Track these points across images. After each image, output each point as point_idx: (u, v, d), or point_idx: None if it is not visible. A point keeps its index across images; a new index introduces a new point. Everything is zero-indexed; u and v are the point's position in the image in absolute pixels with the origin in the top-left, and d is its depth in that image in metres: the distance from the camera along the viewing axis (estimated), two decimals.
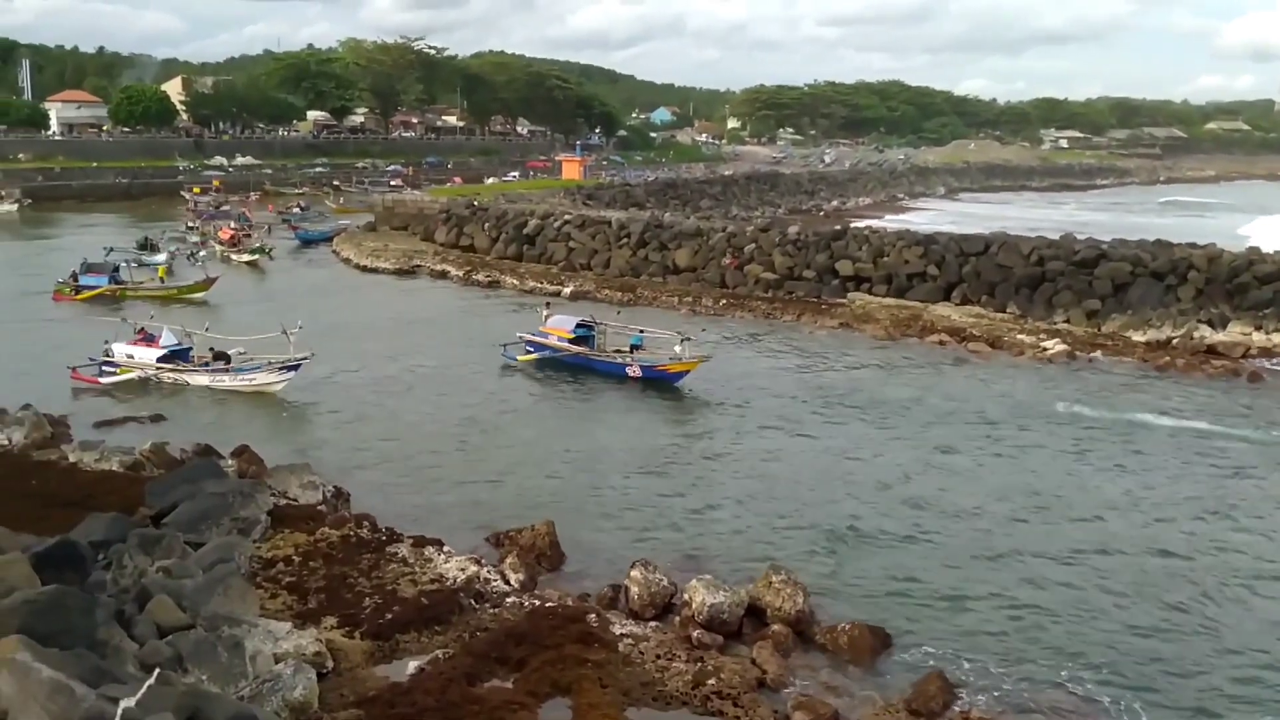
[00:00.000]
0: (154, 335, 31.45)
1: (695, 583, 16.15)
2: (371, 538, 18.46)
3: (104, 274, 45.69)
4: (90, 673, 10.11)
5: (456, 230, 60.68)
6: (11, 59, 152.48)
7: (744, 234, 51.23)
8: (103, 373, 30.56)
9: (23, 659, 9.44)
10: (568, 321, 34.81)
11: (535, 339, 34.47)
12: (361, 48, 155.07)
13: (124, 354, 30.85)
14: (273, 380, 29.62)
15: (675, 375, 31.54)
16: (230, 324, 34.84)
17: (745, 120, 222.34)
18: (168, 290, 45.55)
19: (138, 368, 30.58)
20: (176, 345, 31.24)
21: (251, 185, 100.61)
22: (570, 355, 33.77)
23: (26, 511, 17.58)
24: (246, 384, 29.82)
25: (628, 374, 32.32)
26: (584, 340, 34.08)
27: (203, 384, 30.24)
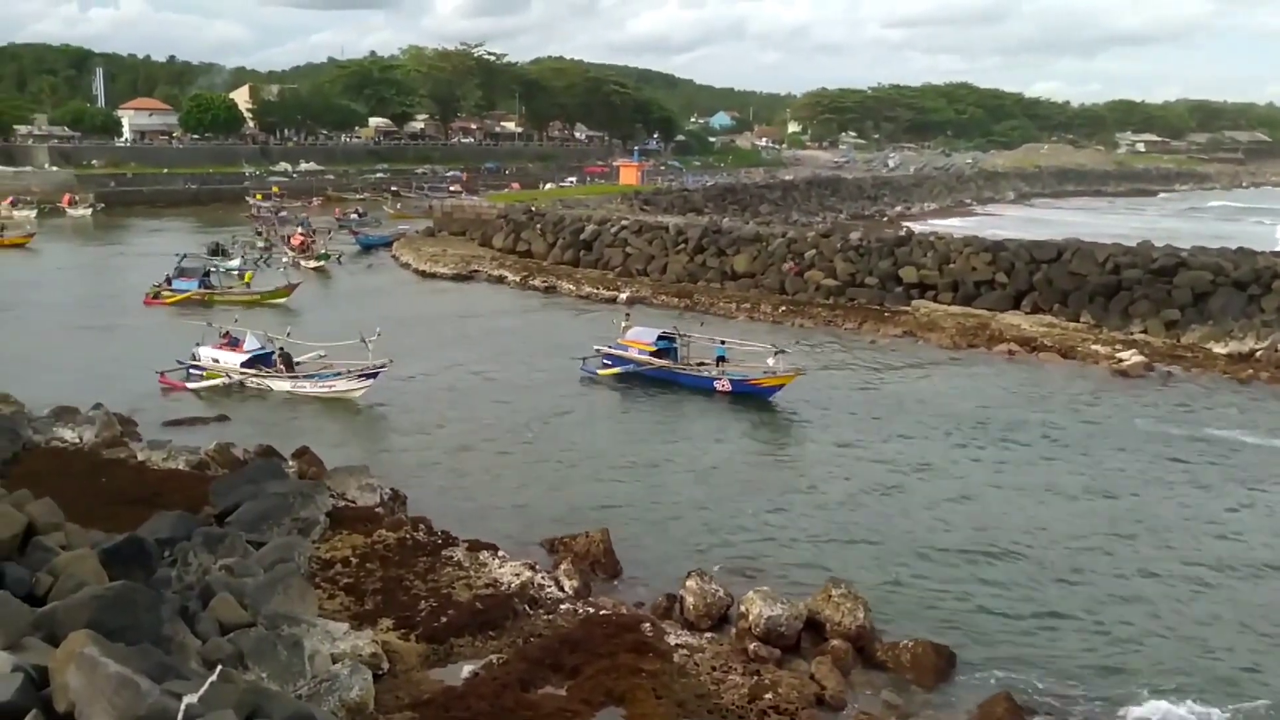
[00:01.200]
0: (238, 340, 31.78)
1: (752, 594, 15.95)
2: (427, 541, 18.56)
3: (194, 278, 46.60)
4: (155, 668, 10.15)
5: (514, 235, 61.06)
6: (86, 68, 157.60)
7: (804, 240, 50.86)
8: (189, 377, 30.93)
9: (90, 653, 9.55)
10: (648, 333, 33.53)
11: (614, 352, 33.31)
12: (423, 55, 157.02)
13: (209, 358, 31.24)
14: (352, 387, 29.61)
15: (768, 390, 30.27)
16: (308, 329, 35.11)
17: (806, 124, 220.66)
18: (251, 295, 46.20)
19: (222, 372, 30.87)
20: (260, 350, 31.47)
21: (314, 191, 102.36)
22: (653, 369, 32.53)
23: (96, 508, 17.92)
24: (326, 390, 29.90)
25: (715, 388, 31.03)
26: (666, 353, 32.85)
27: (284, 390, 30.40)
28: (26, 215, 78.51)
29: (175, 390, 30.44)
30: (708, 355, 32.35)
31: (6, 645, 10.19)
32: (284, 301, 45.34)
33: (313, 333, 33.86)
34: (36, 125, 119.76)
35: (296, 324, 36.86)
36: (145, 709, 9.20)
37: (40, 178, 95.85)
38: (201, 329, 32.57)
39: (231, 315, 35.61)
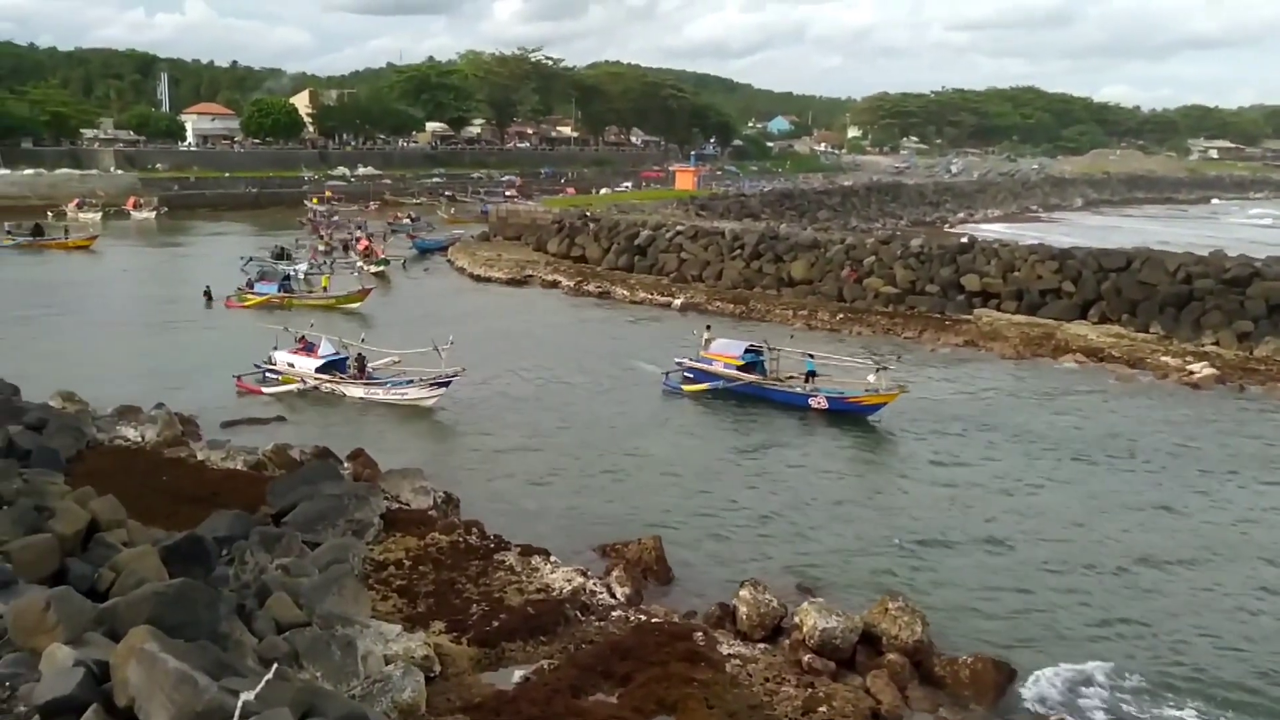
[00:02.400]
0: (314, 345, 31.88)
1: (807, 605, 15.74)
2: (480, 544, 18.63)
3: (274, 282, 47.36)
4: (212, 665, 10.23)
5: (568, 241, 61.23)
6: (151, 73, 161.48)
7: (863, 246, 50.33)
8: (265, 380, 31.21)
9: (151, 649, 9.64)
10: (734, 346, 32.11)
11: (699, 366, 31.93)
12: (480, 60, 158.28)
13: (285, 362, 31.44)
14: (424, 395, 29.47)
15: (869, 409, 28.75)
16: (372, 334, 34.92)
17: (867, 129, 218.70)
18: (327, 300, 46.59)
19: (297, 377, 31.04)
20: (334, 355, 31.48)
21: (371, 195, 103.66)
22: (741, 385, 30.97)
23: (157, 506, 18.27)
24: (399, 398, 29.75)
25: (810, 406, 29.50)
26: (753, 367, 31.40)
27: (357, 395, 30.37)
28: (92, 217, 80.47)
29: (251, 394, 30.65)
30: (796, 369, 31.03)
31: (69, 640, 10.32)
32: (357, 306, 45.57)
33: (377, 338, 33.86)
34: (103, 129, 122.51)
35: (361, 329, 36.67)
36: (203, 705, 9.26)
37: (106, 181, 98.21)
38: (275, 332, 32.88)
39: (308, 320, 35.87)
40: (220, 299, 46.89)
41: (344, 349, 31.76)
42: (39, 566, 13.11)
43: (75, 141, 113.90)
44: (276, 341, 32.17)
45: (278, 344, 32.05)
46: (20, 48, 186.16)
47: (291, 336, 32.41)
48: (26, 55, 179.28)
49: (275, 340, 32.24)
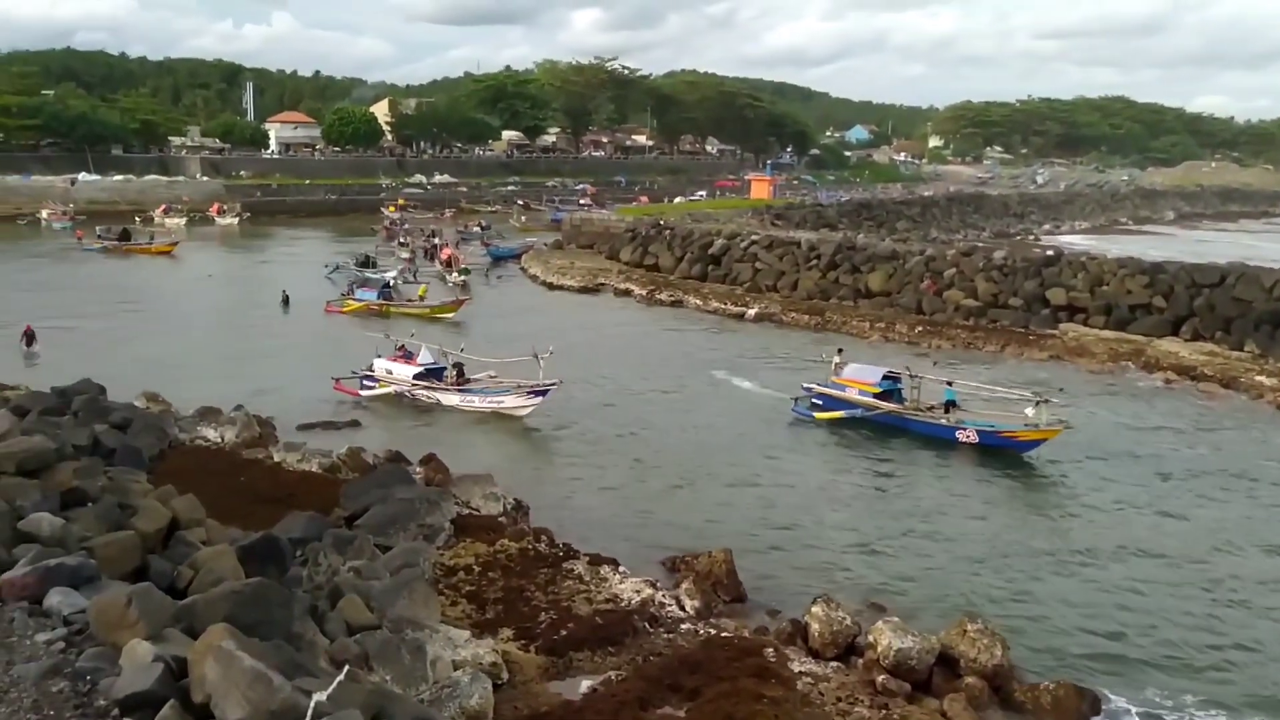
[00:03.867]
0: (413, 353, 32.04)
1: (881, 624, 15.35)
2: (549, 552, 18.59)
3: (374, 289, 48.02)
4: (286, 664, 10.33)
5: (641, 249, 61.27)
6: (237, 82, 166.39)
7: (944, 258, 49.56)
8: (363, 386, 31.50)
9: (228, 647, 9.76)
10: (870, 372, 30.08)
11: (830, 392, 29.96)
12: (556, 69, 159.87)
13: (384, 369, 31.61)
14: (520, 404, 29.25)
15: (1026, 445, 26.45)
16: (460, 342, 34.88)
17: (948, 138, 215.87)
18: (423, 309, 46.69)
19: (395, 383, 31.19)
20: (432, 364, 31.50)
21: (447, 203, 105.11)
22: (879, 414, 28.87)
23: (235, 506, 18.57)
24: (494, 406, 29.65)
25: (958, 439, 27.41)
26: (890, 394, 29.31)
27: (453, 404, 30.34)
28: (177, 223, 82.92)
29: (349, 396, 31.07)
30: (936, 397, 28.90)
31: (149, 636, 10.47)
32: (453, 316, 45.66)
33: (459, 346, 33.63)
34: (190, 137, 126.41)
35: (460, 339, 36.58)
36: (277, 704, 9.33)
37: (192, 187, 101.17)
38: (374, 339, 33.07)
39: (408, 328, 36.16)
40: (297, 304, 47.87)
41: (443, 357, 31.82)
42: (121, 563, 13.40)
43: (163, 149, 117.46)
44: (378, 349, 32.30)
45: (379, 351, 32.17)
46: (112, 57, 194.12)
47: (391, 343, 32.60)
48: (118, 64, 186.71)
49: (376, 348, 32.37)
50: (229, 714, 9.33)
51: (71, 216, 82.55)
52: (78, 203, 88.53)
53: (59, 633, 10.92)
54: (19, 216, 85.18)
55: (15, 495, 15.12)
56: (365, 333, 35.76)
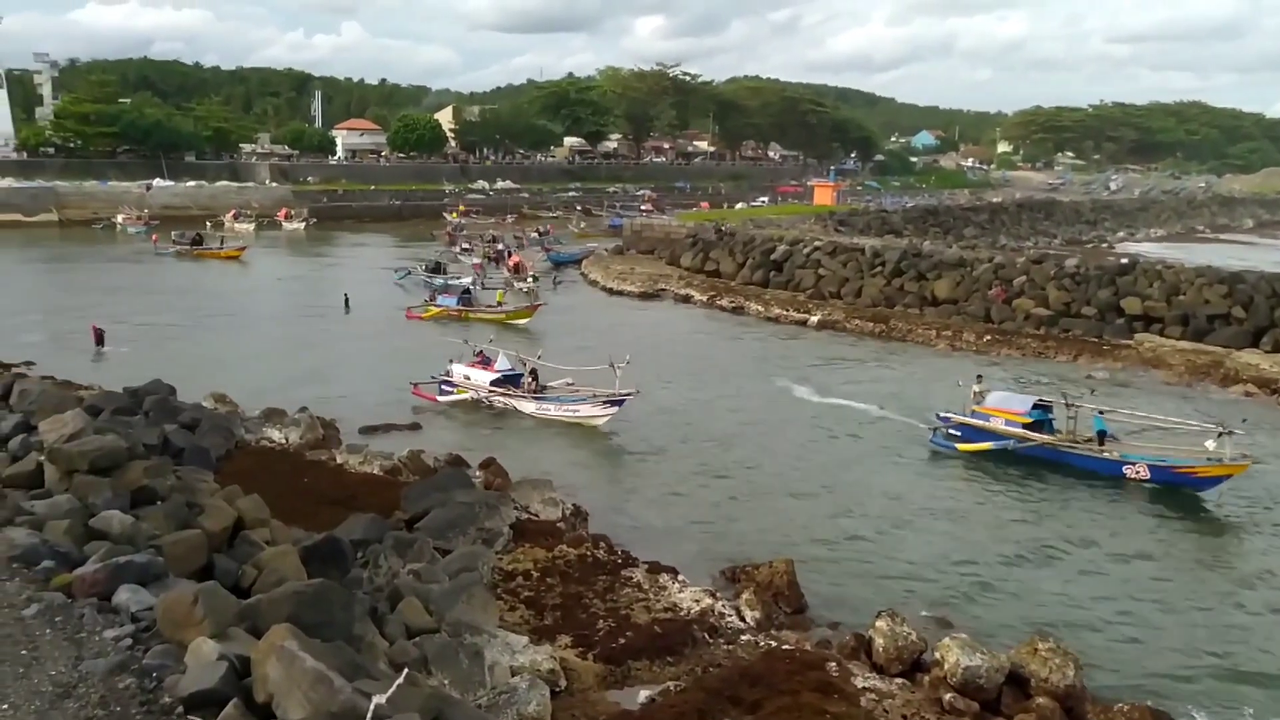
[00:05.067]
0: (490, 359, 32.13)
1: (948, 641, 14.96)
2: (608, 559, 18.50)
3: (454, 295, 48.51)
4: (347, 666, 10.37)
5: (702, 255, 61.09)
6: (306, 90, 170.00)
7: (1013, 265, 48.70)
8: (441, 391, 31.73)
9: (290, 647, 9.83)
10: (1018, 400, 27.81)
11: (973, 422, 27.54)
12: (619, 75, 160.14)
13: (461, 374, 31.77)
14: (596, 413, 29.02)
15: (1206, 482, 24.11)
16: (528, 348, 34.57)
17: (1018, 144, 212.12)
18: (499, 314, 46.78)
19: (472, 389, 31.30)
20: (509, 370, 31.50)
21: (509, 208, 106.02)
22: (1032, 447, 26.42)
23: (298, 507, 18.79)
24: (570, 415, 29.47)
25: (1125, 475, 24.96)
26: (1041, 425, 26.83)
27: (530, 411, 30.28)
28: (246, 228, 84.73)
29: (426, 401, 31.24)
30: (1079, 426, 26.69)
31: (214, 634, 10.59)
32: (525, 323, 45.53)
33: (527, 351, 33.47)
34: (260, 144, 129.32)
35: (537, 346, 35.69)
36: (338, 705, 9.35)
37: (261, 193, 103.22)
38: (448, 343, 33.35)
39: (487, 334, 36.37)
40: (358, 307, 48.52)
41: (520, 364, 31.80)
42: (188, 561, 13.59)
43: (234, 156, 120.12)
44: (454, 355, 32.46)
45: (456, 356, 32.34)
46: (187, 66, 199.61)
47: (470, 349, 32.68)
48: (193, 74, 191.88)
49: (460, 352, 32.51)
50: (290, 714, 9.38)
51: (146, 221, 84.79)
52: (152, 208, 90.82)
53: (127, 629, 11.08)
54: (96, 221, 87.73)
55: (88, 493, 15.47)
56: (442, 337, 36.16)
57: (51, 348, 37.02)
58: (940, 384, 33.32)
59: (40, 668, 10.06)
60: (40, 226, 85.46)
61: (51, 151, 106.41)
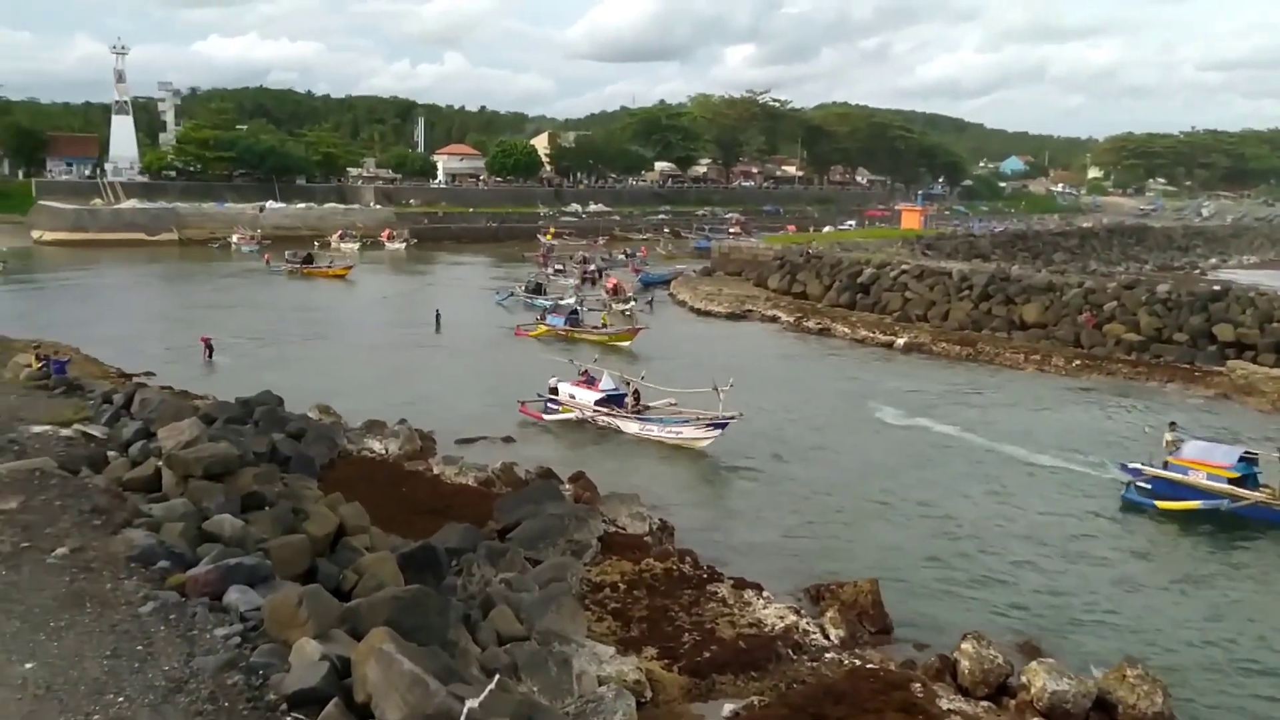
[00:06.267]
0: (595, 378, 32.31)
1: (1035, 665, 14.85)
2: (693, 574, 18.67)
3: (563, 315, 49.22)
4: (441, 670, 10.68)
5: (789, 277, 61.07)
6: (410, 117, 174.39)
7: (1104, 290, 47.82)
8: (547, 409, 32.03)
9: (388, 650, 10.20)
10: (1222, 452, 24.84)
11: (1170, 476, 24.66)
12: (709, 102, 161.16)
13: (567, 393, 32.03)
14: (699, 436, 28.85)
15: None
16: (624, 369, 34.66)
17: (1109, 170, 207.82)
18: (602, 336, 46.85)
19: (577, 408, 31.52)
20: (614, 390, 31.53)
21: (600, 231, 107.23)
22: (1245, 506, 23.53)
23: (396, 515, 19.40)
24: (673, 436, 29.35)
25: None
26: (1246, 479, 23.97)
27: (633, 431, 30.26)
28: (351, 248, 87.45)
29: (533, 419, 31.71)
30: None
31: (317, 635, 11.05)
32: (628, 345, 45.31)
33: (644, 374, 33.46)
34: (365, 168, 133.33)
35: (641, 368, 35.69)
36: (433, 708, 9.69)
37: (366, 215, 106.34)
38: (562, 364, 33.83)
39: (590, 354, 36.80)
40: (450, 325, 49.63)
41: (624, 384, 31.80)
42: (293, 564, 14.19)
43: (341, 179, 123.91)
44: (560, 373, 32.87)
45: (562, 375, 32.71)
46: (300, 95, 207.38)
47: (574, 368, 33.15)
48: (304, 102, 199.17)
49: (557, 371, 33.00)
50: (388, 715, 9.74)
51: (258, 241, 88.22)
52: (264, 228, 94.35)
53: (236, 628, 11.62)
54: (212, 240, 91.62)
55: (202, 497, 16.26)
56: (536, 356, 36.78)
57: (169, 359, 38.74)
58: (1029, 408, 32.75)
59: (154, 663, 10.59)
60: (162, 245, 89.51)
61: (173, 175, 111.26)
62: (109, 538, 14.23)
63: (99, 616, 11.67)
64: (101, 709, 9.74)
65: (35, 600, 11.98)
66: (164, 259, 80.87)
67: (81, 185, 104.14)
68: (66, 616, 11.60)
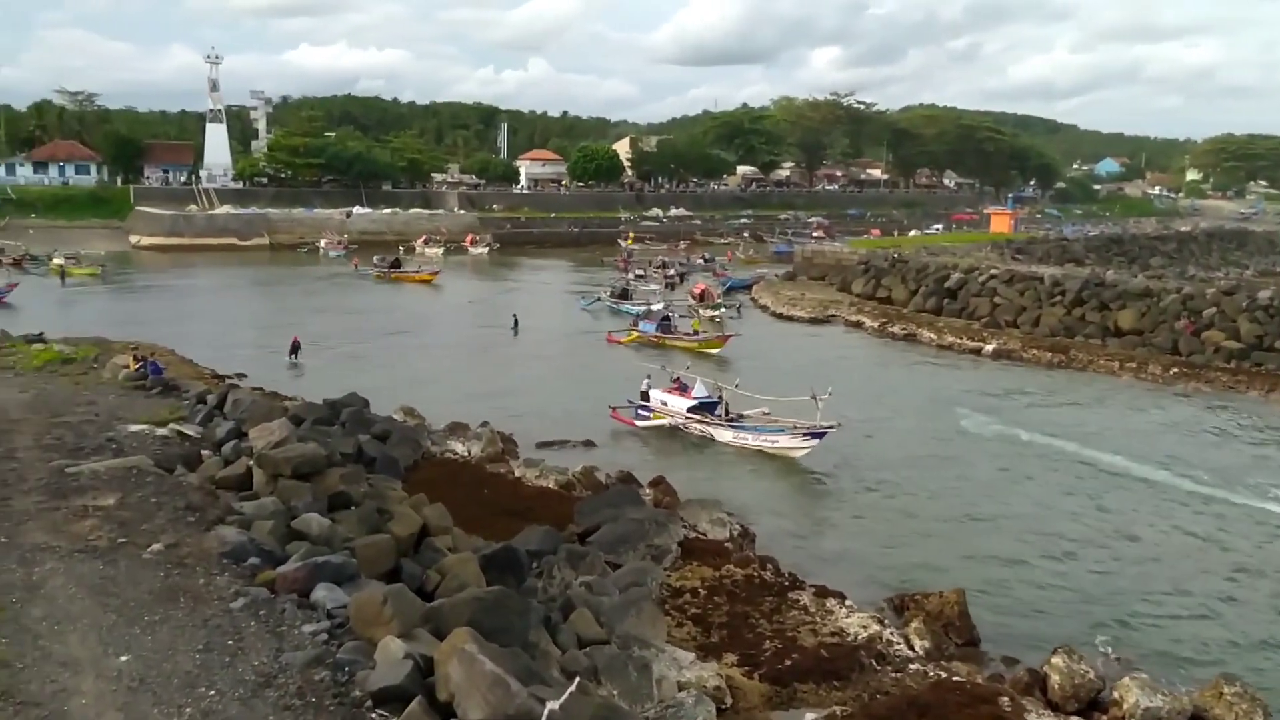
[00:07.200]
0: (687, 386, 31.92)
1: (1128, 680, 14.35)
2: (774, 581, 18.49)
3: (655, 321, 49.08)
4: (522, 671, 10.75)
5: (874, 282, 60.26)
6: (493, 123, 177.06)
7: (1203, 296, 46.32)
8: (638, 416, 31.74)
9: (470, 650, 10.29)
10: None
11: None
12: (792, 105, 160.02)
13: (659, 400, 31.77)
14: (796, 445, 28.11)
15: None
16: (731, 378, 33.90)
17: (1207, 172, 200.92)
18: (692, 342, 46.18)
19: (669, 415, 31.14)
20: (706, 398, 31.01)
21: (681, 235, 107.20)
22: None
23: (478, 517, 19.55)
24: (769, 445, 28.76)
25: None
26: None
27: (726, 439, 29.69)
28: (435, 252, 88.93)
29: (625, 425, 31.58)
30: None
31: (401, 633, 11.21)
32: (719, 352, 44.64)
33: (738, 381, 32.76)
34: (450, 174, 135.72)
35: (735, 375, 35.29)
36: (514, 709, 9.74)
37: (450, 220, 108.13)
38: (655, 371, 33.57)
39: (684, 361, 36.58)
40: (527, 329, 50.10)
41: (717, 392, 31.25)
42: (378, 564, 14.41)
43: (426, 184, 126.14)
44: (650, 378, 32.79)
45: (652, 380, 32.59)
46: (386, 102, 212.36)
47: (667, 375, 32.90)
48: (391, 109, 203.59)
49: (643, 375, 32.97)
50: (470, 715, 9.82)
51: (345, 245, 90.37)
52: (351, 233, 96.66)
53: (323, 625, 11.86)
54: (301, 245, 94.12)
55: (290, 496, 16.64)
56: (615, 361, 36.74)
57: (260, 360, 39.76)
58: (1123, 417, 31.74)
59: (245, 657, 10.87)
60: (253, 250, 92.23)
61: (264, 181, 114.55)
62: (202, 534, 14.64)
63: (192, 611, 12.00)
64: (193, 702, 9.99)
65: (131, 595, 12.36)
66: (255, 263, 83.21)
67: (177, 191, 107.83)
68: (161, 611, 11.95)
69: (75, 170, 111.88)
